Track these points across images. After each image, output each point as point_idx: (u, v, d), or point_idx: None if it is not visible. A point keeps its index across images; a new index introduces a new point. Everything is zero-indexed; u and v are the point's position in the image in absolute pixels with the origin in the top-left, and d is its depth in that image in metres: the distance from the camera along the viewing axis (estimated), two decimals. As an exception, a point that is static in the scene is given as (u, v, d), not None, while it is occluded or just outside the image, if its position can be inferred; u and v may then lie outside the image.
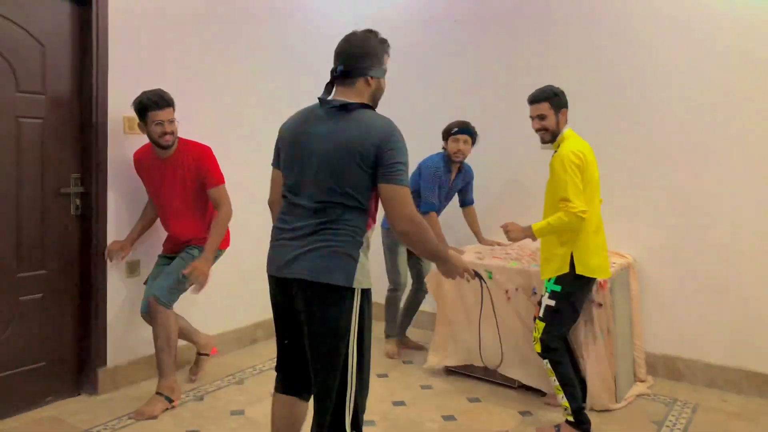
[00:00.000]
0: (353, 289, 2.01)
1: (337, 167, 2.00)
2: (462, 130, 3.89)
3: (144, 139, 3.52)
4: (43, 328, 3.27)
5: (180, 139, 3.35)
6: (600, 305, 3.37)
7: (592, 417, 3.29)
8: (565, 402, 3.07)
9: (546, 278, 3.12)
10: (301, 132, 2.11)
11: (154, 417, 3.18)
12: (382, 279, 4.17)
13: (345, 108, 2.06)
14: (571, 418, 3.07)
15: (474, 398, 3.54)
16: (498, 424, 3.22)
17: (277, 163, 2.26)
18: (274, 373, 2.09)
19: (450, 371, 3.85)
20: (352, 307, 2.01)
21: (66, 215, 3.33)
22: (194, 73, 3.78)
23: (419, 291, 4.24)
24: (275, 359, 2.31)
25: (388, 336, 4.19)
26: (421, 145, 3.94)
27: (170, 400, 3.27)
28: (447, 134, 3.94)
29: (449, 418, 3.29)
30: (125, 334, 3.56)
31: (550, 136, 3.14)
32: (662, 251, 3.86)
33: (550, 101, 3.09)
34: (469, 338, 3.69)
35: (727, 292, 3.68)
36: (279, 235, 2.12)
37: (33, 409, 3.23)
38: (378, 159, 1.98)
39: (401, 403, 3.43)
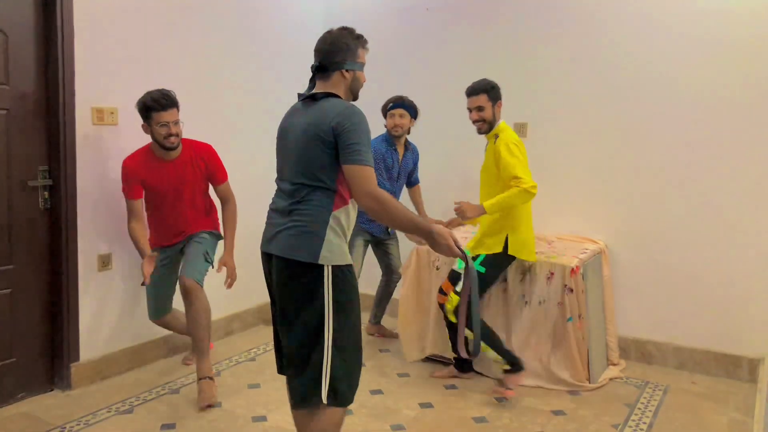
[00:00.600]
0: (321, 266, 2.10)
1: (303, 151, 2.16)
2: (396, 104, 3.89)
3: (110, 134, 3.47)
4: (13, 323, 3.21)
5: (182, 138, 3.34)
6: (572, 290, 3.42)
7: (565, 400, 3.36)
8: (496, 356, 3.26)
9: (473, 254, 3.31)
10: (285, 124, 2.31)
11: (218, 402, 3.25)
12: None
13: (314, 98, 2.23)
14: (507, 366, 3.26)
15: (450, 385, 3.57)
16: (474, 411, 3.25)
17: None
18: (250, 365, 2.11)
19: (427, 358, 3.87)
20: (320, 282, 2.10)
21: (34, 209, 3.27)
22: (163, 60, 3.72)
23: (390, 282, 4.26)
24: (252, 350, 2.31)
25: None
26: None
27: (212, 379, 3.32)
28: (384, 111, 3.94)
29: (426, 405, 3.32)
30: (98, 328, 3.51)
31: (487, 127, 3.35)
32: (633, 237, 3.92)
33: (487, 93, 3.30)
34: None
35: (697, 276, 3.75)
36: (269, 216, 2.31)
37: (5, 405, 3.17)
38: (337, 140, 2.10)
39: (378, 392, 3.45)
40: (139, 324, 3.69)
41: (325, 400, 2.10)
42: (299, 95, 2.29)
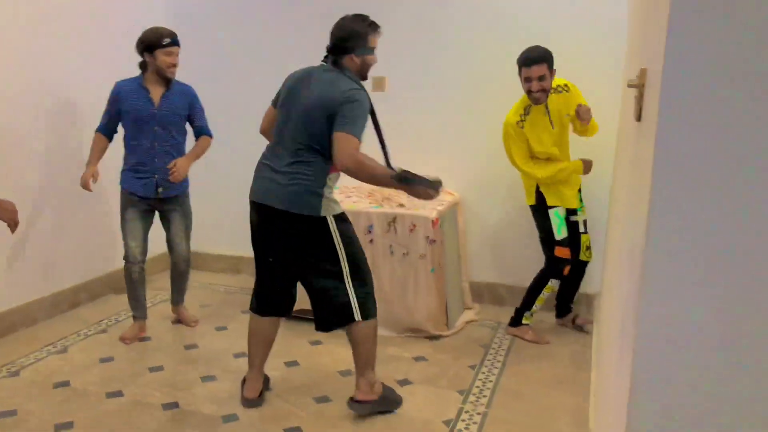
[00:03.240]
0: (324, 217, 2.55)
1: (309, 118, 2.52)
2: (175, 41, 3.32)
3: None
4: None
5: None
6: (433, 241, 3.53)
7: (425, 346, 3.50)
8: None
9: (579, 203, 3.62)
10: (295, 85, 2.61)
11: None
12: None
13: (330, 66, 2.60)
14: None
15: (315, 341, 3.57)
16: (340, 365, 3.29)
17: (275, 104, 2.75)
18: (102, 337, 2.03)
19: (293, 316, 3.83)
20: (327, 229, 2.56)
21: None
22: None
23: (176, 264, 3.68)
24: (102, 321, 2.15)
25: (134, 318, 3.57)
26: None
27: None
28: (155, 47, 3.26)
29: (292, 363, 3.31)
30: None
31: (545, 96, 3.37)
32: (485, 188, 4.10)
33: (548, 62, 3.28)
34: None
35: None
36: (263, 169, 2.64)
37: None
38: (336, 113, 2.47)
39: (241, 355, 3.37)
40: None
41: (358, 318, 2.62)
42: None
